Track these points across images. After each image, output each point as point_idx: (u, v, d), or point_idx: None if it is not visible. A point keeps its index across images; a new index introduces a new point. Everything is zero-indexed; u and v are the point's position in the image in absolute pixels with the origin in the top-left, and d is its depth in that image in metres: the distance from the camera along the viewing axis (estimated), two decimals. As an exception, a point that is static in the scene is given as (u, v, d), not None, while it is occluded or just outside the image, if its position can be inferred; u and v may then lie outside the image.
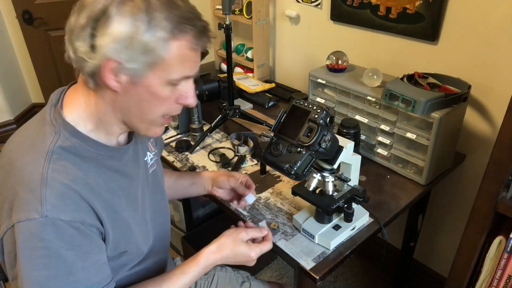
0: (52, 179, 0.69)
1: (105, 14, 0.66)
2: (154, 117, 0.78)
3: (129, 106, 0.75)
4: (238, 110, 1.62)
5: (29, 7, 2.51)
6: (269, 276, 2.02)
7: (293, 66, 2.04)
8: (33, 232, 0.67)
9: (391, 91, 1.27)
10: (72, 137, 0.74)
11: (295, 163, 0.93)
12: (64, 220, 0.68)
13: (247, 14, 1.96)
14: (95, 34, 0.67)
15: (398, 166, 1.39)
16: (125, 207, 0.81)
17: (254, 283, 1.26)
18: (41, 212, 0.66)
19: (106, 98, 0.74)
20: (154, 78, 0.71)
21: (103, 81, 0.70)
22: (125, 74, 0.70)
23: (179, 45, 0.70)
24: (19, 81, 3.19)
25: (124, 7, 0.66)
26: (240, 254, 0.92)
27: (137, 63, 0.69)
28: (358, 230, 1.14)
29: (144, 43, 0.67)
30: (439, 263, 1.80)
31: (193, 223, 1.99)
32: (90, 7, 0.67)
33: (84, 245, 0.71)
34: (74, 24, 0.69)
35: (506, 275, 1.01)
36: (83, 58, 0.69)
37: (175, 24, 0.68)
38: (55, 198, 0.68)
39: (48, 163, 0.70)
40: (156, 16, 0.67)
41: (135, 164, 0.87)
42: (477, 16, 1.29)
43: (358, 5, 1.58)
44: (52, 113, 0.76)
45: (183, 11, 0.70)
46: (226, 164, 1.44)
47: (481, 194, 0.95)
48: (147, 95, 0.73)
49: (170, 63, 0.71)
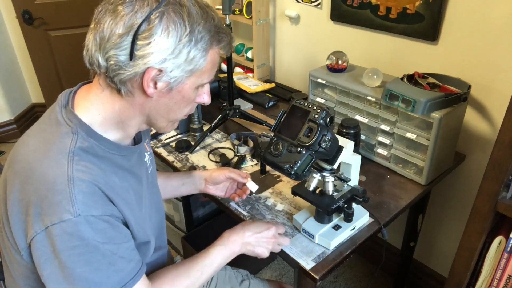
0: (78, 179, 0.70)
1: (149, 24, 0.68)
2: (180, 117, 0.84)
3: (159, 109, 0.79)
4: (238, 110, 1.62)
5: (29, 7, 2.51)
6: (269, 276, 2.02)
7: (293, 66, 2.04)
8: (70, 232, 0.68)
9: (391, 91, 1.27)
10: (89, 138, 0.75)
11: (295, 163, 0.93)
12: (95, 215, 0.70)
13: (247, 14, 1.96)
14: (137, 43, 0.68)
15: (398, 166, 1.39)
16: (135, 205, 0.83)
17: (253, 281, 1.26)
18: (74, 212, 0.68)
19: (134, 104, 0.77)
20: (189, 84, 0.77)
21: (140, 88, 0.73)
22: (164, 82, 0.73)
23: (213, 53, 0.76)
24: (19, 81, 3.19)
25: (167, 18, 0.69)
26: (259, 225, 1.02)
27: (179, 71, 0.73)
28: (358, 230, 1.14)
29: (187, 53, 0.71)
30: (439, 263, 1.80)
31: (193, 223, 1.99)
32: (129, 16, 0.68)
33: (116, 236, 0.74)
34: (109, 32, 0.69)
35: (506, 275, 1.01)
36: (120, 66, 0.70)
37: (213, 34, 0.74)
38: (84, 196, 0.70)
39: (71, 163, 0.71)
40: (197, 27, 0.71)
41: (141, 165, 0.90)
42: (477, 16, 1.29)
43: (358, 5, 1.58)
44: (65, 113, 0.76)
45: (218, 21, 0.75)
46: (226, 164, 1.44)
47: (481, 194, 0.95)
48: (178, 98, 0.78)
49: (205, 70, 0.77)
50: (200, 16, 0.72)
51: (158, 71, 0.71)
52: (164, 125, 0.84)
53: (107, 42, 0.69)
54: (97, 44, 0.71)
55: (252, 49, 2.07)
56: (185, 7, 0.70)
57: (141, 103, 0.76)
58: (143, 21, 0.68)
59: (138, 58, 0.69)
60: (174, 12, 0.69)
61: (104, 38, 0.69)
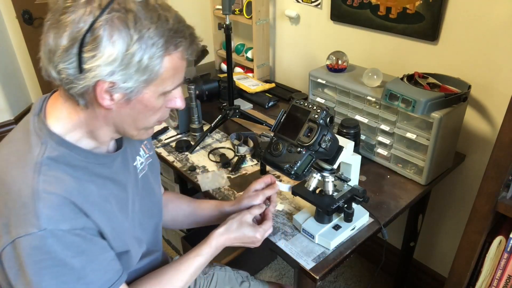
0: (44, 191, 0.67)
1: (93, 34, 0.63)
2: (149, 125, 0.79)
3: (124, 120, 0.74)
4: (238, 110, 1.62)
5: (29, 7, 2.51)
6: (269, 276, 2.02)
7: (293, 66, 2.04)
8: (36, 246, 0.66)
9: (391, 91, 1.27)
10: (60, 146, 0.72)
11: (295, 163, 0.93)
12: (63, 229, 0.67)
13: (247, 14, 1.96)
14: (83, 56, 0.64)
15: (398, 166, 1.39)
16: (117, 213, 0.81)
17: (253, 283, 1.26)
18: (39, 226, 0.65)
19: (97, 115, 0.73)
20: (149, 93, 0.71)
21: (95, 100, 0.69)
22: (120, 93, 0.69)
23: (172, 59, 0.70)
24: (19, 81, 3.19)
25: (113, 26, 0.63)
26: (246, 236, 0.96)
27: (132, 81, 0.67)
28: (358, 230, 1.14)
29: (138, 62, 0.66)
30: (439, 263, 1.80)
31: (193, 223, 1.99)
32: (72, 27, 0.63)
33: (89, 249, 0.72)
34: (54, 44, 0.65)
35: (506, 275, 1.01)
36: (71, 80, 0.66)
37: (167, 39, 0.67)
38: (50, 210, 0.67)
39: (38, 175, 0.68)
40: (147, 33, 0.65)
41: (125, 170, 0.86)
42: (477, 16, 1.29)
43: (358, 5, 1.58)
44: (36, 123, 0.74)
45: (173, 24, 0.68)
46: (226, 164, 1.44)
47: (481, 194, 0.95)
48: (142, 108, 0.73)
49: (165, 77, 0.71)
50: (150, 21, 0.65)
51: (110, 83, 0.66)
52: (135, 133, 0.79)
53: (54, 55, 0.66)
54: (46, 57, 0.67)
55: (252, 49, 2.07)
56: (131, 13, 0.64)
57: (103, 114, 0.72)
58: (87, 32, 0.63)
59: (87, 71, 0.65)
60: (118, 20, 0.63)
61: (51, 51, 0.66)
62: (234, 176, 1.40)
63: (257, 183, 1.07)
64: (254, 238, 0.97)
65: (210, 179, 1.37)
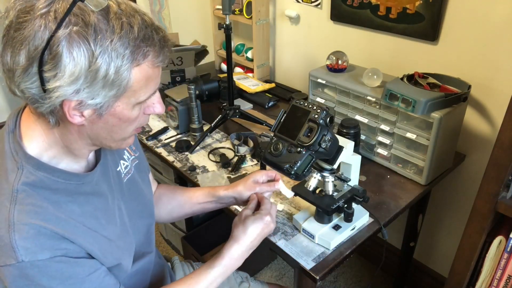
0: (20, 222, 0.65)
1: (51, 52, 0.58)
2: (127, 135, 0.75)
3: (98, 133, 0.71)
4: (238, 110, 1.62)
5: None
6: (269, 276, 2.02)
7: (293, 66, 2.04)
8: (17, 274, 0.65)
9: (391, 91, 1.27)
10: (37, 171, 0.69)
11: (295, 163, 0.93)
12: (43, 259, 0.65)
13: (247, 14, 1.96)
14: (44, 76, 0.59)
15: (398, 166, 1.39)
16: (105, 226, 0.78)
17: (253, 284, 1.25)
18: (16, 258, 0.64)
19: (71, 130, 0.70)
20: (121, 105, 0.67)
21: (65, 118, 0.65)
22: (89, 110, 0.65)
23: (142, 69, 0.65)
24: (19, 81, 3.19)
25: (71, 42, 0.58)
26: (257, 227, 0.90)
27: (101, 97, 0.63)
28: (358, 230, 1.14)
29: (104, 77, 0.61)
30: (439, 263, 1.80)
31: (193, 223, 1.99)
32: (27, 43, 0.58)
33: (77, 272, 0.69)
34: (11, 63, 0.60)
35: (506, 275, 1.01)
36: (36, 99, 0.62)
37: (133, 49, 0.62)
38: (26, 241, 0.64)
39: (13, 205, 0.66)
40: (111, 45, 0.60)
41: (106, 179, 0.83)
42: (477, 16, 1.29)
43: (358, 5, 1.58)
44: (12, 143, 0.70)
45: (139, 32, 0.63)
46: (226, 164, 1.44)
47: (481, 194, 0.95)
48: (116, 121, 0.69)
49: (136, 88, 0.66)
50: (112, 32, 0.60)
51: (77, 101, 0.62)
52: (113, 145, 0.75)
53: (14, 75, 0.61)
54: (7, 76, 0.63)
55: (252, 49, 2.07)
56: (90, 26, 0.59)
57: (76, 129, 0.69)
58: (44, 50, 0.58)
59: (51, 91, 0.60)
60: (77, 34, 0.58)
61: (10, 70, 0.61)
62: (234, 176, 1.40)
63: (259, 174, 1.02)
64: (265, 224, 0.90)
65: (210, 179, 1.37)
